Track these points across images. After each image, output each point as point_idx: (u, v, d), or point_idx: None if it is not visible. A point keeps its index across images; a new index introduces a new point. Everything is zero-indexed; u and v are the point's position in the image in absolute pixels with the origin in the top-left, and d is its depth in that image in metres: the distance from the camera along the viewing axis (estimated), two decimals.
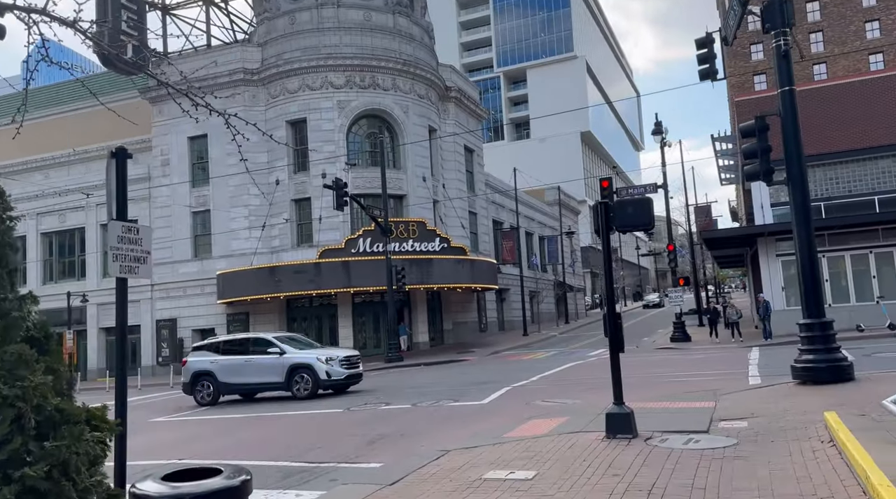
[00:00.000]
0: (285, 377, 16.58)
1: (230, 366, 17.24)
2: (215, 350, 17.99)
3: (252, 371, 17.04)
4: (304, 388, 16.47)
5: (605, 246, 8.24)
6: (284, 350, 17.03)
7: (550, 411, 11.03)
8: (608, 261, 8.21)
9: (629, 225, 8.24)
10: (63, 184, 38.28)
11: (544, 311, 51.62)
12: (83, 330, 37.62)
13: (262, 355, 17.11)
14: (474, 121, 43.53)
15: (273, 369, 16.78)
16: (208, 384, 17.40)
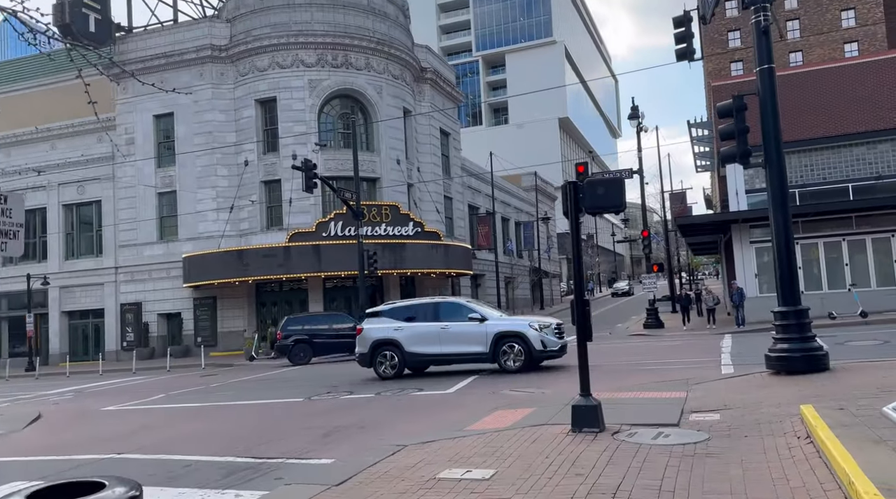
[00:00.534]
0: (490, 347, 14.68)
1: (420, 334, 15.18)
2: (397, 316, 15.74)
3: (448, 340, 15.00)
4: (514, 360, 14.51)
5: (573, 228, 7.74)
6: (486, 316, 15.19)
7: (517, 401, 10.58)
8: (577, 244, 7.72)
9: (599, 206, 7.74)
10: (24, 162, 36.85)
11: (520, 297, 51.39)
12: (45, 314, 36.46)
13: (460, 322, 15.10)
14: (450, 104, 42.79)
15: (474, 338, 14.80)
16: (392, 355, 15.31)
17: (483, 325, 14.95)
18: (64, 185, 36.62)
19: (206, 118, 33.62)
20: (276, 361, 25.39)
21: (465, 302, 16.29)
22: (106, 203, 35.75)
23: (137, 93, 35.02)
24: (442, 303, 16.17)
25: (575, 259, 7.70)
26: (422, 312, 15.76)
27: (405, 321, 15.50)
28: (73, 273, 36.03)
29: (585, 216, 9.23)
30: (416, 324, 15.42)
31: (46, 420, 12.84)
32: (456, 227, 40.52)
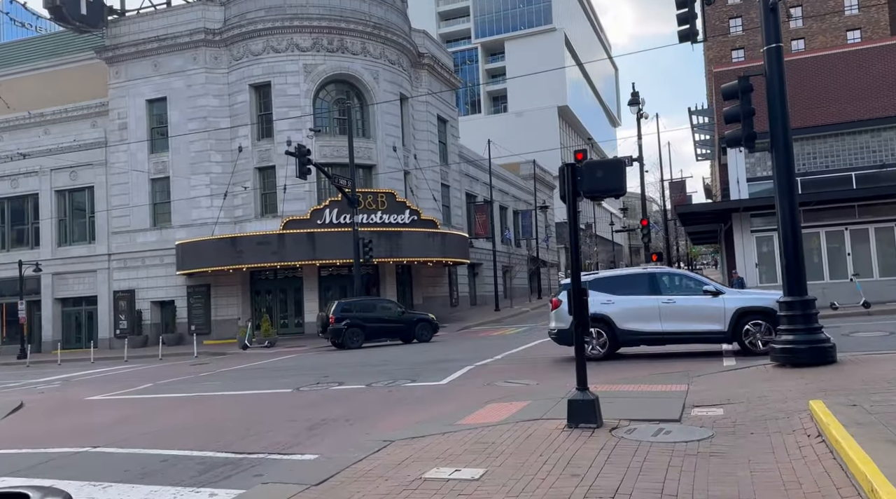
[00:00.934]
0: (730, 326, 12.86)
1: (636, 309, 13.38)
2: (602, 288, 13.60)
3: (673, 316, 13.18)
4: (761, 340, 12.66)
5: (570, 213, 7.32)
6: (721, 290, 13.39)
7: (512, 393, 10.21)
8: (574, 230, 7.31)
9: (599, 190, 7.32)
10: (16, 148, 36.30)
11: (517, 286, 51.04)
12: (37, 301, 36.02)
13: (688, 295, 13.35)
14: (448, 90, 42.21)
15: (708, 314, 12.96)
16: (600, 332, 13.42)
17: (719, 299, 13.04)
18: (56, 170, 36.08)
19: (199, 103, 33.08)
20: (269, 350, 25.06)
21: (691, 273, 14.52)
22: (99, 189, 35.25)
23: (130, 77, 34.52)
24: (659, 273, 14.15)
25: (572, 245, 7.29)
26: (633, 283, 13.83)
27: (613, 294, 13.64)
28: (65, 260, 35.59)
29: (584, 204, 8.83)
30: (631, 297, 13.47)
31: (28, 410, 12.47)
32: (453, 215, 40.10)
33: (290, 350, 24.25)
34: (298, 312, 31.70)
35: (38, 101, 38.94)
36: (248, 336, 26.83)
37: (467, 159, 44.14)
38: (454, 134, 42.37)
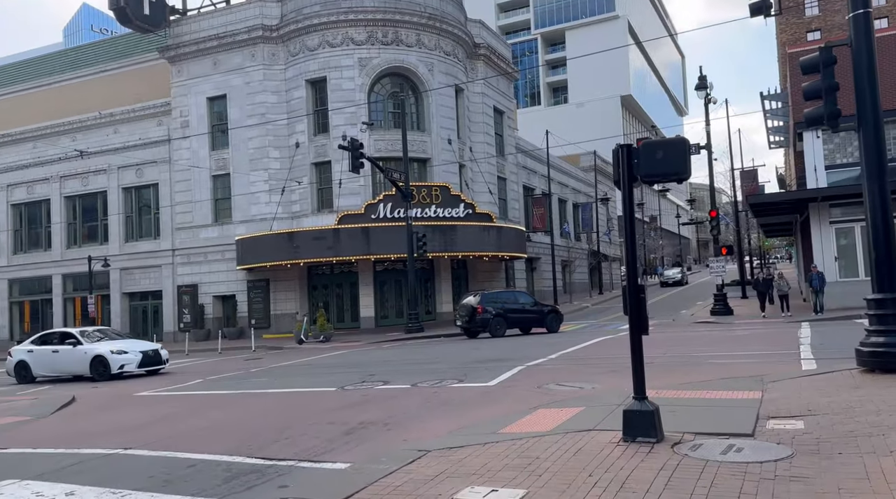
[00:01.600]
0: None
1: None
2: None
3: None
4: None
5: (625, 201, 6.52)
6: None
7: (563, 398, 9.46)
8: (630, 219, 6.51)
9: (658, 174, 6.49)
10: (86, 146, 37.64)
11: (577, 281, 49.72)
12: (107, 295, 37.26)
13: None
14: (505, 81, 41.30)
15: None
16: None
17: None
18: (123, 168, 37.16)
19: (258, 100, 33.37)
20: (324, 345, 24.98)
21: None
22: (163, 186, 36.10)
23: (191, 75, 35.18)
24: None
25: (627, 236, 6.50)
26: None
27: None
28: (132, 255, 36.63)
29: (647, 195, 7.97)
30: None
31: (77, 405, 12.55)
32: (510, 208, 39.24)
33: (344, 345, 24.08)
34: (354, 306, 31.62)
35: (108, 101, 40.33)
36: (305, 331, 26.85)
37: (524, 151, 43.14)
38: (511, 125, 41.46)
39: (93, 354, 17.69)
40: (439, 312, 32.50)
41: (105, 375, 17.38)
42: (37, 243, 39.42)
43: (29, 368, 18.64)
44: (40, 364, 18.55)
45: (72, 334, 18.64)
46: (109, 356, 17.53)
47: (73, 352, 17.97)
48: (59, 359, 18.24)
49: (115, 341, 18.74)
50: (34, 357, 18.63)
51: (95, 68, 41.87)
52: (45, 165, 38.71)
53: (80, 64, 43.00)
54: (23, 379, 18.67)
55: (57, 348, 18.38)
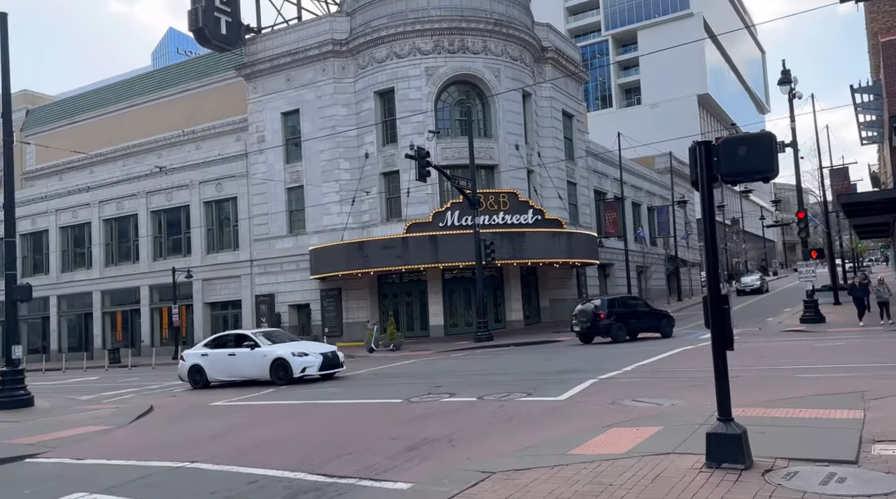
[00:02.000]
0: None
1: None
2: None
3: None
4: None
5: (704, 203, 5.97)
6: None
7: (639, 415, 8.87)
8: (709, 223, 5.96)
9: (741, 172, 5.92)
10: (169, 163, 39.38)
11: (654, 287, 48.00)
12: (190, 305, 38.69)
13: None
14: (574, 84, 40.48)
15: None
16: None
17: None
18: (204, 183, 38.56)
19: (328, 113, 33.97)
20: (394, 354, 24.96)
21: None
22: (241, 199, 37.23)
23: (266, 92, 36.22)
24: None
25: (707, 240, 5.95)
26: None
27: None
28: (213, 266, 37.90)
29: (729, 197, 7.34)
30: None
31: (154, 415, 12.87)
32: (581, 213, 38.31)
33: (413, 354, 23.98)
34: (423, 314, 31.57)
35: (190, 119, 42.18)
36: (375, 339, 26.96)
37: (595, 154, 42.08)
38: (581, 129, 40.55)
39: (273, 356, 16.66)
40: (509, 321, 32.00)
41: (285, 379, 16.42)
42: (126, 256, 41.44)
43: (203, 373, 17.76)
44: (216, 368, 17.63)
45: (248, 336, 17.68)
46: (291, 359, 16.48)
47: (252, 355, 16.99)
48: (235, 362, 17.31)
49: (293, 343, 17.77)
50: (209, 361, 17.74)
51: (179, 88, 43.89)
52: (132, 182, 40.72)
53: (165, 85, 45.15)
54: (196, 384, 17.84)
55: (233, 351, 17.45)
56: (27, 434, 10.88)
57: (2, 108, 14.91)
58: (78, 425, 11.57)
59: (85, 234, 42.72)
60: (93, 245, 42.05)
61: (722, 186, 6.37)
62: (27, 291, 14.92)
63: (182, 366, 18.31)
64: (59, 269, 43.29)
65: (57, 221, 43.50)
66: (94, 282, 41.78)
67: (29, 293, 14.93)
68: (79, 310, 42.84)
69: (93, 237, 42.07)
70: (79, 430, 11.09)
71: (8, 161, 15.14)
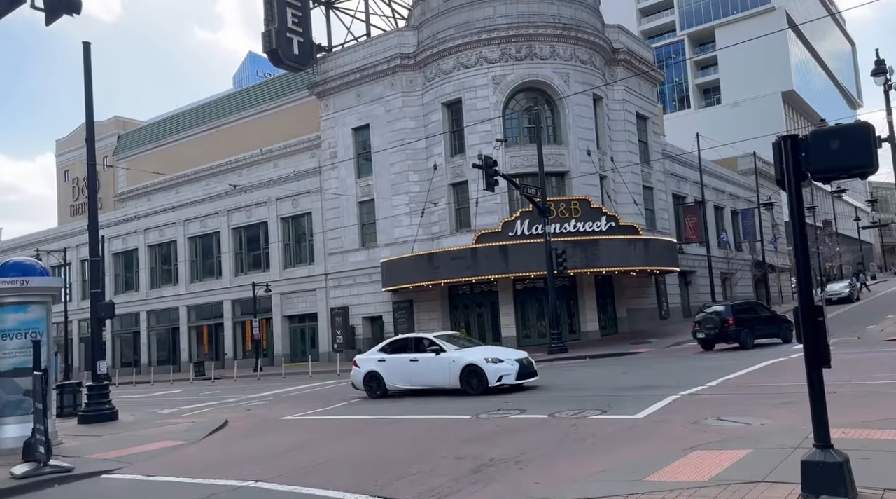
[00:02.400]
0: None
1: None
2: None
3: None
4: None
5: (793, 203, 5.36)
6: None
7: (725, 436, 8.15)
8: (799, 225, 5.33)
9: (834, 168, 5.27)
10: (248, 181, 40.80)
11: (740, 294, 45.63)
12: (270, 318, 39.72)
13: None
14: (648, 85, 39.20)
15: None
16: None
17: None
18: (281, 199, 39.63)
19: (397, 126, 34.25)
20: None
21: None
22: (315, 214, 38.02)
23: (338, 108, 36.95)
24: None
25: (797, 245, 5.32)
26: None
27: None
28: (290, 280, 38.79)
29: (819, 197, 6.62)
30: None
31: (227, 430, 13.04)
32: (658, 219, 36.89)
33: None
34: (495, 325, 31.12)
35: (268, 138, 43.65)
36: None
37: (671, 156, 40.51)
38: (656, 131, 39.16)
39: (463, 363, 14.96)
40: (584, 332, 31.06)
41: (479, 388, 14.65)
42: (209, 272, 43.07)
43: (381, 381, 16.35)
44: (395, 375, 16.20)
45: (431, 340, 16.09)
46: (485, 366, 14.69)
47: (437, 361, 15.35)
48: (419, 369, 15.75)
49: (481, 348, 16.37)
50: (388, 367, 16.31)
51: (256, 109, 45.55)
52: (214, 201, 42.35)
53: (244, 106, 46.96)
54: (373, 392, 16.48)
55: (416, 357, 15.89)
56: (107, 449, 11.21)
57: (86, 135, 15.66)
58: (154, 440, 11.84)
59: (171, 251, 44.72)
60: (179, 262, 43.93)
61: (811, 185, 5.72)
62: (110, 309, 15.54)
63: (356, 373, 17.05)
64: (148, 285, 45.46)
65: (145, 239, 45.75)
66: (181, 297, 43.60)
67: (112, 311, 15.56)
68: (166, 325, 44.80)
69: (178, 254, 43.95)
70: (155, 445, 11.34)
71: (92, 186, 15.90)
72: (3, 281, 11.53)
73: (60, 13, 8.57)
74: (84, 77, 15.29)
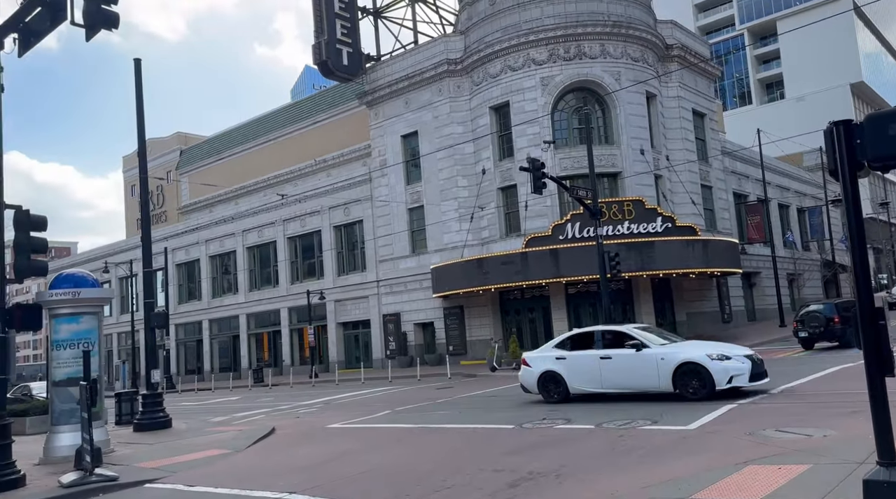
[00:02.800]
0: None
1: None
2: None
3: None
4: None
5: (847, 194, 4.85)
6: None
7: (783, 449, 7.55)
8: (856, 220, 4.82)
9: (893, 155, 4.74)
10: (303, 191, 41.52)
11: (808, 296, 43.44)
12: (324, 325, 40.17)
13: None
14: (704, 81, 37.88)
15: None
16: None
17: None
18: (333, 208, 40.12)
19: (445, 132, 34.15)
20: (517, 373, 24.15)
21: None
22: (367, 222, 38.30)
23: (387, 116, 37.16)
24: None
25: (854, 241, 4.81)
26: None
27: None
28: (344, 288, 39.17)
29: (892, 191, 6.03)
30: None
31: (273, 438, 13.07)
32: (718, 218, 35.51)
33: None
34: (548, 331, 30.44)
35: (321, 149, 44.37)
36: (497, 358, 26.33)
37: (731, 153, 38.99)
38: (714, 128, 37.76)
39: (676, 360, 12.32)
40: None
41: (702, 392, 12.00)
42: (267, 281, 43.94)
43: (562, 382, 13.76)
44: (581, 376, 13.53)
45: (628, 334, 13.41)
46: (709, 364, 12.00)
47: (639, 358, 12.71)
48: (614, 368, 13.03)
49: (695, 343, 14.18)
50: (570, 366, 13.69)
51: (310, 120, 46.40)
52: (270, 211, 43.23)
53: (298, 118, 47.94)
54: (550, 395, 13.93)
55: (608, 353, 13.21)
56: (155, 457, 11.37)
57: (138, 149, 16.11)
58: (201, 449, 11.95)
59: (231, 261, 45.88)
60: (238, 271, 45.02)
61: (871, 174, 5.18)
62: (164, 319, 15.90)
63: (527, 373, 14.51)
64: (209, 295, 46.75)
65: (207, 250, 47.08)
66: (240, 306, 44.64)
67: (165, 321, 15.91)
68: (228, 332, 45.94)
69: (238, 264, 45.05)
70: (200, 454, 11.44)
71: (144, 200, 16.33)
72: (56, 293, 11.90)
73: (98, 28, 8.75)
74: (135, 93, 15.75)
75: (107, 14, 8.69)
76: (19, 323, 9.62)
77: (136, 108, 15.69)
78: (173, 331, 47.07)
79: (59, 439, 11.64)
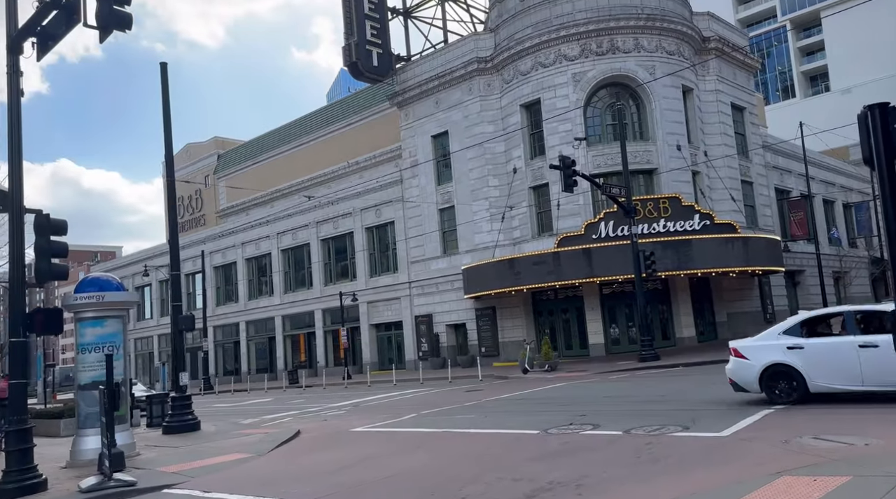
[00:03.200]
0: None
1: None
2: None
3: None
4: None
5: (884, 183, 4.40)
6: None
7: (821, 459, 7.04)
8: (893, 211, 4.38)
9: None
10: (335, 193, 41.68)
11: (856, 294, 41.82)
12: (357, 327, 40.24)
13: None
14: (744, 74, 36.74)
15: None
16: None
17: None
18: (365, 210, 40.19)
19: (476, 131, 33.85)
20: (548, 375, 23.72)
21: None
22: (398, 223, 38.24)
23: (417, 117, 37.04)
24: None
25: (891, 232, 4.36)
26: None
27: None
28: (376, 289, 39.18)
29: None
30: None
31: (296, 442, 12.95)
32: (759, 215, 34.37)
33: (569, 375, 22.58)
34: (581, 332, 29.92)
35: (354, 151, 44.50)
36: (529, 359, 25.89)
37: (770, 146, 37.71)
38: (755, 122, 36.58)
39: None
40: (679, 338, 29.25)
41: None
42: (301, 283, 44.26)
43: (799, 377, 10.97)
44: (828, 369, 10.75)
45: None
46: None
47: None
48: (881, 359, 9.99)
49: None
50: (809, 357, 10.91)
51: (343, 123, 46.60)
52: (304, 213, 43.54)
53: (331, 121, 48.19)
54: (782, 395, 11.16)
55: (870, 340, 10.29)
56: (178, 461, 11.35)
57: (165, 152, 16.24)
58: (225, 453, 11.90)
59: (267, 263, 46.36)
60: (273, 273, 45.45)
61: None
62: (191, 322, 15.99)
63: (742, 367, 11.66)
64: (246, 297, 47.32)
65: (243, 253, 47.68)
66: (276, 308, 45.06)
67: (192, 323, 16.01)
68: (264, 334, 46.43)
69: (273, 266, 45.48)
70: (222, 458, 11.37)
71: (171, 202, 16.46)
72: (81, 296, 12.00)
73: (111, 29, 8.73)
74: (161, 96, 15.86)
75: (119, 15, 8.66)
76: (40, 327, 9.68)
77: (161, 110, 15.81)
78: (211, 333, 47.75)
79: (84, 442, 11.72)
